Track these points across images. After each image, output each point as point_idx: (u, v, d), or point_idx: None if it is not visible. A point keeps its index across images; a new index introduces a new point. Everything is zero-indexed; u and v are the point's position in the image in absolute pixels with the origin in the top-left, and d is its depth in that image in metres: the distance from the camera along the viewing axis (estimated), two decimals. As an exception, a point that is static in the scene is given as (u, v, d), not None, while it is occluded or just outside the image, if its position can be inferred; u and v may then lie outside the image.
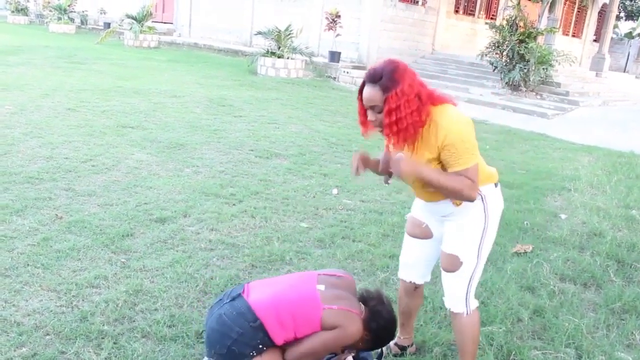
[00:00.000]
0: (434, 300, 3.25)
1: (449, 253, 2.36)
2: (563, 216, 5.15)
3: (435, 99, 2.18)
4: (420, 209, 2.53)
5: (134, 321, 2.81)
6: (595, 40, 24.72)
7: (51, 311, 2.82)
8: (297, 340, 2.13)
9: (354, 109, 8.52)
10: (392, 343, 2.77)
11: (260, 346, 2.08)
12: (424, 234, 2.52)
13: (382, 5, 15.37)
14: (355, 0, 15.52)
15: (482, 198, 2.28)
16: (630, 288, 3.73)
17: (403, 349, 2.77)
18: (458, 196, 2.20)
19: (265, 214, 4.46)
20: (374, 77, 2.13)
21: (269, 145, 6.80)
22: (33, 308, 2.84)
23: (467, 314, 2.43)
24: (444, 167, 2.19)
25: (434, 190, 2.26)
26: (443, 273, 2.43)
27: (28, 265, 3.27)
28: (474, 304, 2.45)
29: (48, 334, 2.64)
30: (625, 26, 38.02)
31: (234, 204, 4.64)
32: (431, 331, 2.94)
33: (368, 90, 2.16)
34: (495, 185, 2.37)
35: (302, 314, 2.11)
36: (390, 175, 2.37)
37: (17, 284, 3.05)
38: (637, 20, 37.07)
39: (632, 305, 3.47)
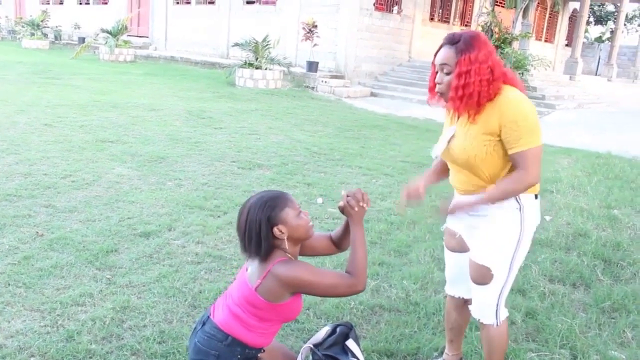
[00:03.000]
0: (427, 307, 3.23)
1: (480, 264, 2.26)
2: (547, 218, 5.18)
3: (507, 78, 2.17)
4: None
5: (122, 339, 2.73)
6: (567, 45, 25.20)
7: (35, 332, 2.73)
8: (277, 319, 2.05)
9: (334, 118, 8.59)
10: None
11: None
12: (460, 246, 2.43)
13: (358, 14, 15.45)
14: (331, 10, 15.60)
15: (520, 208, 2.20)
16: (618, 287, 3.76)
17: None
18: (516, 194, 2.17)
19: (251, 225, 4.40)
20: (453, 40, 2.14)
21: (251, 156, 6.75)
22: (16, 329, 2.74)
23: (496, 325, 2.35)
24: (499, 146, 2.14)
25: (468, 175, 2.23)
26: (472, 284, 2.34)
27: (9, 285, 3.16)
28: (504, 314, 2.37)
29: (33, 356, 2.55)
30: (595, 30, 38.90)
31: (218, 216, 4.57)
32: (426, 337, 2.91)
33: (443, 51, 2.16)
34: (536, 197, 2.27)
35: (249, 306, 2.00)
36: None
37: (-2, 305, 2.95)
38: (605, 25, 37.95)
39: (621, 304, 3.49)
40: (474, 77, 2.07)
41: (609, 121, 13.39)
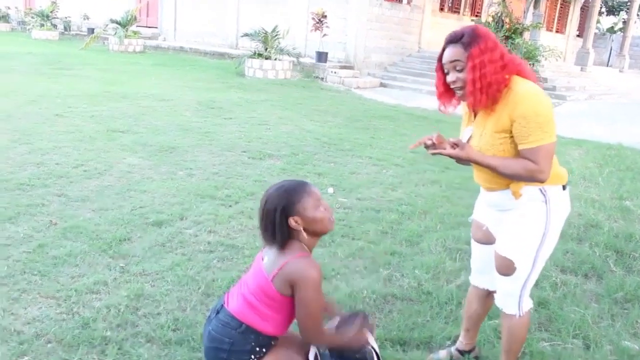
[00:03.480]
0: (439, 296, 3.23)
1: (503, 256, 2.26)
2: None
3: (515, 64, 2.13)
4: (481, 207, 2.45)
5: (137, 326, 2.75)
6: (578, 36, 24.96)
7: (51, 319, 2.76)
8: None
9: (344, 109, 8.56)
10: (453, 349, 2.70)
11: (257, 348, 2.03)
12: (487, 238, 2.42)
13: (367, 4, 15.37)
14: (341, 0, 15.52)
15: (545, 200, 2.18)
16: (630, 278, 3.74)
17: (464, 353, 2.70)
18: (519, 180, 2.13)
19: (263, 214, 4.40)
20: (455, 37, 2.11)
21: (261, 146, 6.75)
22: (32, 316, 2.78)
23: (519, 316, 2.35)
24: (515, 143, 2.10)
25: (489, 173, 2.19)
26: (496, 273, 2.33)
27: (25, 272, 3.20)
28: (527, 305, 2.36)
29: (50, 342, 2.58)
30: (607, 21, 38.47)
31: (230, 206, 4.59)
32: (438, 326, 2.92)
33: (449, 50, 2.12)
34: (564, 187, 2.25)
35: (264, 296, 2.00)
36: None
37: (14, 292, 2.98)
38: (618, 15, 37.52)
39: (634, 295, 3.48)
40: (488, 66, 2.05)
41: (620, 112, 13.28)
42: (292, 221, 1.96)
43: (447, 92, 2.23)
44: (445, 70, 2.18)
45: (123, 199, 4.55)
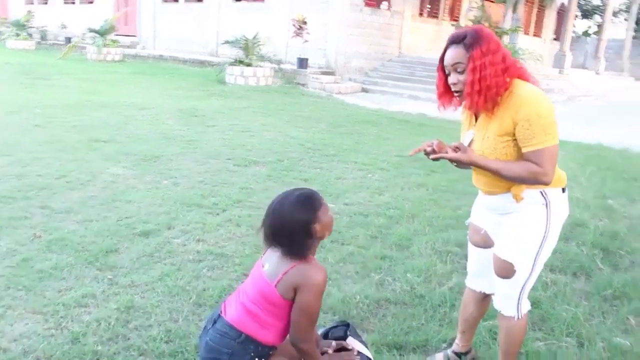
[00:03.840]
0: (432, 299, 3.22)
1: (503, 259, 2.24)
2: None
3: (520, 71, 2.13)
4: (479, 210, 2.44)
5: (128, 339, 2.69)
6: (555, 39, 25.32)
7: (39, 335, 2.69)
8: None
9: (326, 114, 8.58)
10: (449, 351, 2.68)
11: (257, 359, 2.01)
12: (485, 241, 2.41)
13: (348, 10, 15.43)
14: (321, 6, 15.55)
15: (546, 204, 2.18)
16: (618, 275, 3.78)
17: (460, 355, 2.68)
18: (522, 183, 2.12)
19: (251, 222, 4.37)
20: (458, 38, 2.10)
21: (246, 153, 6.71)
22: (19, 332, 2.70)
23: (517, 318, 2.34)
24: (518, 146, 2.09)
25: (490, 176, 2.18)
26: (495, 276, 2.32)
27: (9, 288, 3.11)
28: (526, 307, 2.35)
29: (39, 359, 2.51)
30: (582, 24, 39.11)
31: (217, 214, 4.55)
32: (433, 329, 2.91)
33: (451, 51, 2.11)
34: (563, 190, 2.25)
35: (266, 303, 1.98)
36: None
37: (-1, 308, 2.91)
38: (592, 18, 38.20)
39: (622, 292, 3.51)
40: (489, 69, 2.04)
41: (598, 114, 13.50)
42: (316, 228, 1.96)
43: (447, 92, 2.22)
44: (447, 72, 2.17)
45: (108, 209, 4.48)
